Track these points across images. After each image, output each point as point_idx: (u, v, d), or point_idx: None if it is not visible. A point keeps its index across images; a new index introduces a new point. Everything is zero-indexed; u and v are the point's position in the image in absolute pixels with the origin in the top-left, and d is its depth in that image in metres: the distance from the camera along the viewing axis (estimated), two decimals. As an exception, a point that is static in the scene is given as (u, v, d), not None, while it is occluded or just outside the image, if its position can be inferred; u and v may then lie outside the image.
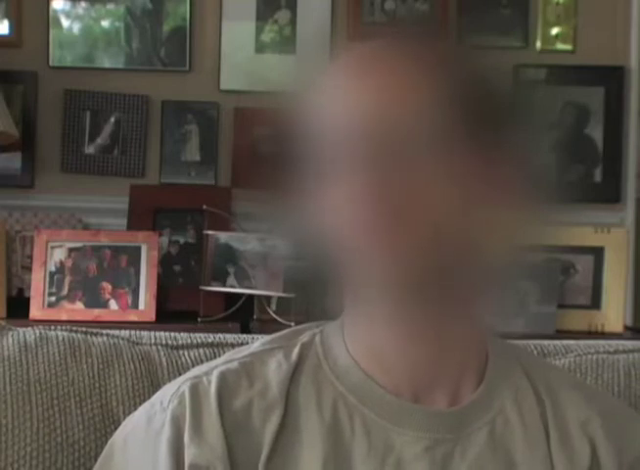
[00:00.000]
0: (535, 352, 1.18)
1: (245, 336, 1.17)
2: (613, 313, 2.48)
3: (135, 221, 2.59)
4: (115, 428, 0.96)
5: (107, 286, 2.41)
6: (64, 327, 1.13)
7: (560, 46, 2.76)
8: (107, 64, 2.72)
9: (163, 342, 1.14)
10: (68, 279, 2.41)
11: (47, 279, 2.40)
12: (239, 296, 2.47)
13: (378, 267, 0.81)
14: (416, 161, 0.80)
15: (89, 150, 2.69)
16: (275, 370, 0.89)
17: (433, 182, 0.80)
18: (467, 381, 0.89)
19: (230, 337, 1.16)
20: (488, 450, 0.86)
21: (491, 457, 0.86)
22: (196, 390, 0.87)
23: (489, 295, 0.89)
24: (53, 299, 2.40)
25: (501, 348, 0.93)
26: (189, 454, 0.84)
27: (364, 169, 0.80)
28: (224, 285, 2.46)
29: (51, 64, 2.70)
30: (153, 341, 1.14)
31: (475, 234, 0.83)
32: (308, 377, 0.89)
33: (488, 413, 0.88)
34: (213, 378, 0.88)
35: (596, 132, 2.75)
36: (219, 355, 1.08)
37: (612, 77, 2.75)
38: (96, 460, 0.93)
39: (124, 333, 1.15)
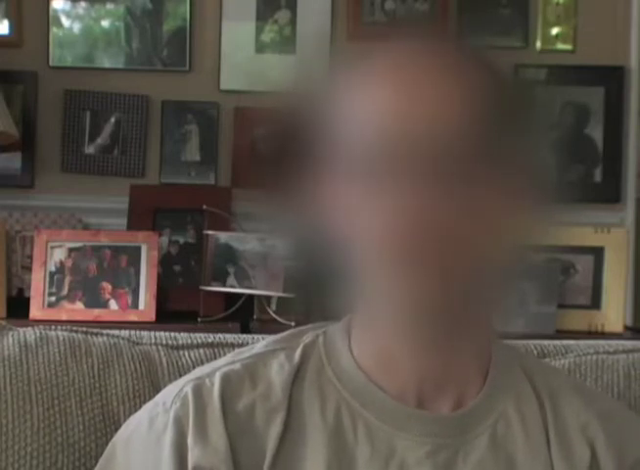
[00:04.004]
0: (535, 352, 1.18)
1: (245, 336, 1.16)
2: (613, 313, 2.48)
3: (135, 221, 2.59)
4: (116, 428, 0.96)
5: (107, 286, 2.41)
6: (64, 327, 1.13)
7: (560, 46, 2.76)
8: (107, 64, 2.72)
9: (164, 342, 1.14)
10: (68, 279, 2.41)
11: (47, 279, 2.40)
12: (239, 296, 2.46)
13: (403, 292, 0.80)
14: (458, 173, 0.78)
15: (89, 150, 2.69)
16: (277, 372, 0.88)
17: (470, 197, 0.78)
18: (471, 385, 0.88)
19: (230, 337, 1.16)
20: (490, 454, 0.86)
21: (493, 461, 0.86)
22: (199, 391, 0.86)
23: (497, 299, 0.89)
24: (53, 299, 2.40)
25: (503, 350, 0.92)
26: (193, 456, 0.83)
27: (403, 178, 0.77)
28: (224, 285, 2.46)
29: (51, 64, 2.70)
30: (153, 341, 1.14)
31: (489, 242, 0.81)
32: (311, 379, 0.88)
33: (490, 417, 0.88)
34: (216, 379, 0.87)
35: (596, 132, 2.75)
36: (219, 356, 1.08)
37: (612, 77, 2.75)
38: (96, 460, 0.93)
39: (124, 333, 1.15)
